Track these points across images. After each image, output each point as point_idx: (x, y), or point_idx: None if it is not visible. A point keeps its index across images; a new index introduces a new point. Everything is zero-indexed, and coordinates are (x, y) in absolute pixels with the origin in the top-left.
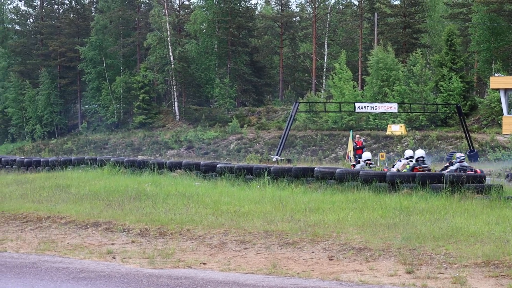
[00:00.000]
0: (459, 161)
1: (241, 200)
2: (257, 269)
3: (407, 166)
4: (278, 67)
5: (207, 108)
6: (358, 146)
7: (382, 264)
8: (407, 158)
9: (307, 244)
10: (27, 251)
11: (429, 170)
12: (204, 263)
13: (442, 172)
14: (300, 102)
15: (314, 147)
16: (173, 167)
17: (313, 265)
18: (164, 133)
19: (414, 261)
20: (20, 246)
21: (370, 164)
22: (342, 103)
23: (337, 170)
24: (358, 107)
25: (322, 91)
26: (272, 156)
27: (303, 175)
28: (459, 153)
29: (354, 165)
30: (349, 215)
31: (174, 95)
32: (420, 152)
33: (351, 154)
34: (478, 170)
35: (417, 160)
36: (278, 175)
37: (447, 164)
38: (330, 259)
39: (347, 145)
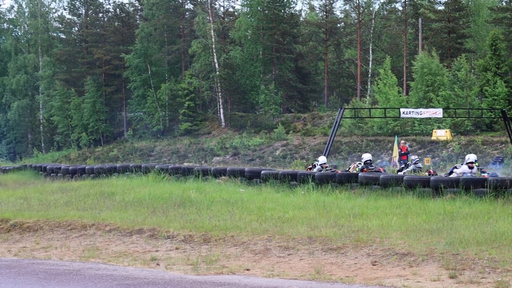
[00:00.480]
0: (414, 163)
1: (285, 206)
2: (300, 274)
3: (356, 168)
4: (323, 73)
5: (252, 114)
6: (403, 151)
7: (425, 269)
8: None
9: (350, 250)
10: (71, 259)
11: (378, 170)
12: (247, 269)
13: (400, 173)
14: (345, 108)
15: (359, 152)
16: (218, 173)
17: (357, 271)
18: (210, 140)
19: (457, 266)
20: (65, 254)
21: (326, 167)
22: (387, 108)
23: (381, 176)
24: (403, 113)
25: (367, 97)
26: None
27: (347, 180)
28: (413, 155)
29: (400, 170)
30: (393, 220)
31: (219, 102)
32: (367, 156)
33: (396, 159)
34: (432, 171)
35: (365, 163)
36: (322, 181)
37: (403, 166)
38: (373, 264)
39: (392, 150)
